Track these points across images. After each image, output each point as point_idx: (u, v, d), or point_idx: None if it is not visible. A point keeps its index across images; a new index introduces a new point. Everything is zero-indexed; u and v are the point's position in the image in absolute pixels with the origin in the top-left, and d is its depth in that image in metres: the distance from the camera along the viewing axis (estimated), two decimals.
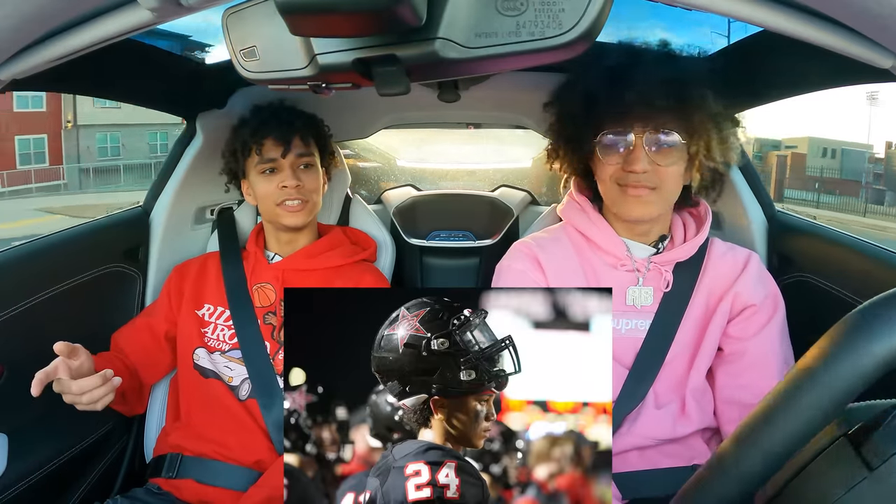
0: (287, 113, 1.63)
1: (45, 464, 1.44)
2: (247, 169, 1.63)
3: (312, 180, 1.61)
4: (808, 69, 1.35)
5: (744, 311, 1.34)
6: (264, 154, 1.57)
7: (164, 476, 1.46)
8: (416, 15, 0.60)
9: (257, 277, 1.63)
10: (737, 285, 1.34)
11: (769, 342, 1.32)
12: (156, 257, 1.78)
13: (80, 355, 1.24)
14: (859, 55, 0.64)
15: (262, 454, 1.45)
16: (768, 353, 1.31)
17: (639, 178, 1.24)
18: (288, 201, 1.57)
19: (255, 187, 1.61)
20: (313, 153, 1.64)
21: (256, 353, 1.53)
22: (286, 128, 1.58)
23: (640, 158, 1.23)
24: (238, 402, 1.50)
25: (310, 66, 0.70)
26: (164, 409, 1.64)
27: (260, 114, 1.63)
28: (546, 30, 0.62)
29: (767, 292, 1.34)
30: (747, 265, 1.36)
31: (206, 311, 1.61)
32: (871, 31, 0.60)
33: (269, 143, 1.57)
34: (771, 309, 1.34)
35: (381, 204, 2.48)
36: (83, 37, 0.69)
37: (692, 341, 1.35)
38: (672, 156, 1.25)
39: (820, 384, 0.57)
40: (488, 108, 2.03)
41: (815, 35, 0.63)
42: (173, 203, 1.80)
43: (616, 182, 1.28)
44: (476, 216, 2.30)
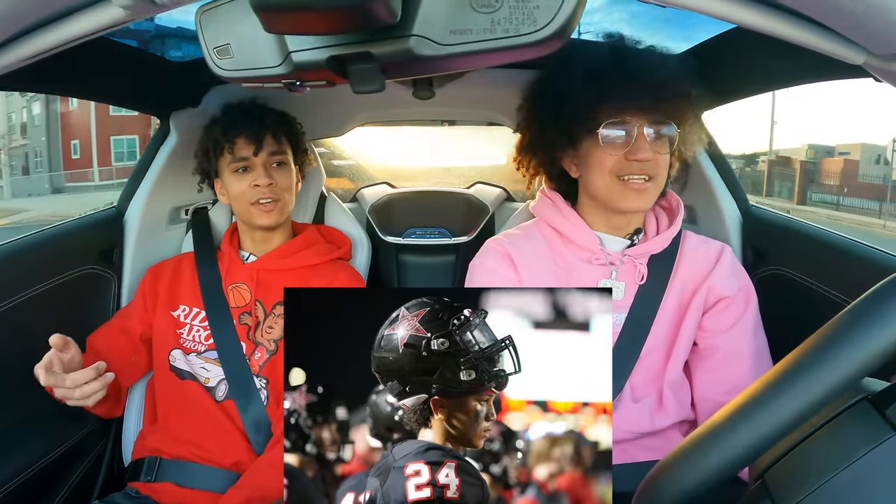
0: (258, 111, 1.62)
1: (23, 470, 1.42)
2: (219, 168, 1.62)
3: (285, 178, 1.60)
4: (781, 65, 1.37)
5: (717, 304, 1.35)
6: (236, 153, 1.56)
7: (143, 480, 1.45)
8: (391, 12, 0.60)
9: (232, 278, 1.62)
10: (710, 278, 1.35)
11: (742, 337, 1.33)
12: (130, 258, 1.76)
13: (71, 349, 1.24)
14: (832, 52, 0.65)
15: (241, 455, 1.44)
16: (742, 347, 1.32)
17: (643, 167, 1.26)
18: (261, 200, 1.56)
19: (227, 186, 1.60)
20: (286, 151, 1.63)
21: (232, 353, 1.52)
22: (257, 126, 1.57)
23: (644, 146, 1.25)
24: (215, 403, 1.50)
25: (284, 63, 0.70)
26: (141, 412, 1.63)
27: (231, 112, 1.62)
28: (521, 27, 0.62)
29: (741, 285, 1.36)
30: (720, 258, 1.38)
31: (181, 312, 1.60)
32: (843, 28, 0.61)
33: (241, 141, 1.56)
34: (744, 302, 1.35)
35: (356, 202, 2.48)
36: (56, 35, 0.68)
37: (668, 334, 1.36)
38: (667, 144, 1.28)
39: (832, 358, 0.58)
40: (463, 105, 2.04)
41: (789, 32, 0.64)
42: (148, 203, 1.78)
43: (616, 175, 1.28)
44: (452, 213, 2.31)
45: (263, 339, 1.55)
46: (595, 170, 1.31)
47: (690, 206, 1.80)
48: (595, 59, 1.27)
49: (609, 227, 1.38)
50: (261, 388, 1.50)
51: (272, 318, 1.57)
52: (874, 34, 0.59)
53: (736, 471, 0.61)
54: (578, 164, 1.36)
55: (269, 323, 1.56)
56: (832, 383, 0.57)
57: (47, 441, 1.50)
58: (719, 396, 1.31)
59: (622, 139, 1.27)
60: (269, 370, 1.52)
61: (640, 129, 1.25)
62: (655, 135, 1.27)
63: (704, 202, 1.73)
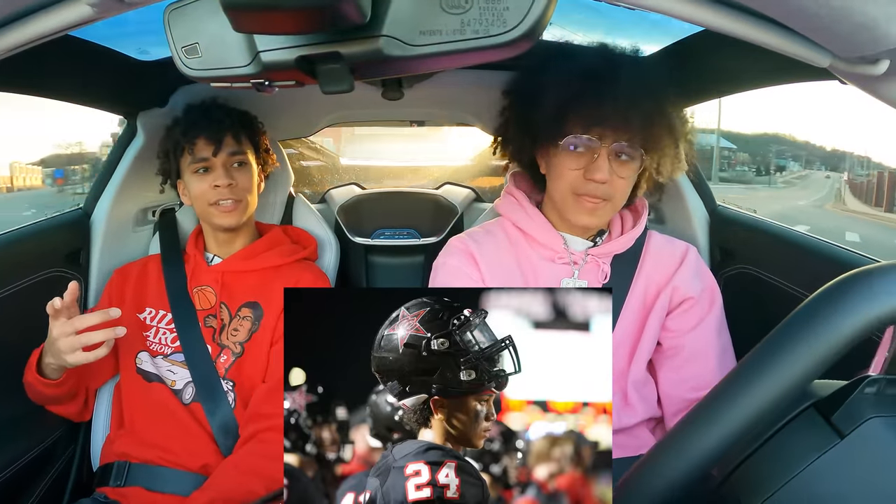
0: (219, 111, 1.61)
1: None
2: (181, 169, 1.61)
3: (246, 179, 1.60)
4: (747, 68, 1.39)
5: (682, 304, 1.36)
6: (196, 153, 1.56)
7: (112, 485, 1.43)
8: (360, 12, 0.60)
9: (197, 280, 1.61)
10: (675, 279, 1.37)
11: (706, 336, 1.35)
12: (97, 260, 1.74)
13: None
14: (798, 54, 0.66)
15: (208, 458, 1.43)
16: (706, 346, 1.34)
17: (597, 188, 1.25)
18: (221, 201, 1.55)
19: (188, 187, 1.60)
20: (246, 151, 1.62)
21: (199, 356, 1.51)
22: (217, 126, 1.56)
23: (603, 168, 1.23)
24: (182, 406, 1.49)
25: (253, 63, 0.70)
26: (109, 416, 1.60)
27: (192, 113, 1.61)
28: (490, 27, 0.63)
29: (705, 285, 1.37)
30: (685, 259, 1.39)
31: (147, 314, 1.59)
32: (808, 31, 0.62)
33: (201, 142, 1.55)
34: (708, 302, 1.36)
35: (325, 203, 2.47)
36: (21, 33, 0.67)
37: (632, 334, 1.37)
38: (631, 169, 1.27)
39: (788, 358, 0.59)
40: (432, 105, 2.04)
41: (755, 34, 0.65)
42: (114, 205, 1.76)
43: (572, 190, 1.28)
44: (420, 214, 2.31)
45: (229, 342, 1.54)
46: (555, 178, 1.31)
47: (658, 207, 1.82)
48: (571, 67, 1.25)
49: (572, 227, 1.38)
50: (227, 391, 1.49)
51: (237, 320, 1.56)
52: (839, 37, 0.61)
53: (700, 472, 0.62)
54: (545, 165, 1.36)
55: (235, 325, 1.56)
56: (782, 385, 0.58)
57: (15, 447, 1.48)
58: (685, 394, 1.33)
59: (584, 155, 1.26)
60: (236, 373, 1.51)
61: (605, 148, 1.24)
62: (620, 157, 1.26)
63: (672, 202, 1.75)
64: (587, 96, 1.21)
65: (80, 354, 1.26)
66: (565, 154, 1.27)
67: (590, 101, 1.21)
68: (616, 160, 1.25)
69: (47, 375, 1.39)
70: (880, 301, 0.57)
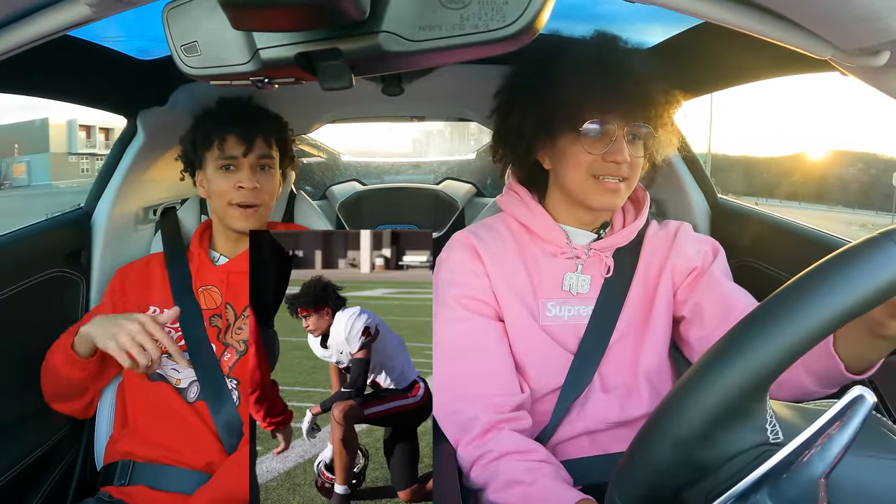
0: (253, 110, 1.62)
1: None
2: (204, 161, 1.60)
3: (270, 184, 1.60)
4: (748, 60, 1.39)
5: (687, 277, 1.38)
6: (226, 150, 1.56)
7: (116, 484, 1.43)
8: (359, 8, 0.60)
9: (202, 280, 1.61)
10: (671, 258, 1.39)
11: (719, 287, 1.34)
12: (98, 260, 1.74)
13: None
14: (799, 46, 0.66)
15: (213, 456, 1.43)
16: (723, 295, 1.32)
17: (618, 168, 1.27)
18: (242, 203, 1.56)
19: (210, 181, 1.59)
20: (273, 155, 1.62)
21: (204, 355, 1.51)
22: (250, 126, 1.56)
23: (623, 149, 1.26)
24: (187, 404, 1.48)
25: (252, 60, 0.70)
26: (112, 416, 1.60)
27: (226, 107, 1.61)
28: (490, 22, 0.63)
29: (700, 249, 1.39)
30: (676, 236, 1.42)
31: (151, 313, 1.58)
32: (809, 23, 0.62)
33: (232, 139, 1.55)
34: (710, 258, 1.38)
35: (326, 199, 2.47)
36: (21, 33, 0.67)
37: (637, 323, 1.38)
38: (643, 148, 1.31)
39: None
40: (432, 100, 2.05)
41: (755, 26, 0.65)
42: (115, 204, 1.76)
43: (592, 173, 1.29)
44: (421, 209, 2.32)
45: (233, 341, 1.54)
46: (571, 166, 1.32)
47: (660, 200, 1.83)
48: (583, 57, 1.27)
49: (577, 221, 1.40)
50: (232, 389, 1.49)
51: (242, 319, 1.56)
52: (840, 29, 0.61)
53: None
54: (554, 158, 1.37)
55: (239, 324, 1.55)
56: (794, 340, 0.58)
57: (19, 447, 1.48)
58: None
59: (603, 139, 1.28)
60: (240, 371, 1.51)
61: (621, 130, 1.27)
62: (633, 137, 1.29)
63: (673, 195, 1.75)
64: (606, 81, 1.24)
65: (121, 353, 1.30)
66: (584, 140, 1.29)
67: (604, 85, 1.24)
68: (631, 140, 1.29)
69: (80, 353, 1.40)
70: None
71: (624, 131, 1.27)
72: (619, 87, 1.23)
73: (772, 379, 0.59)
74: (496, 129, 1.48)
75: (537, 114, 1.33)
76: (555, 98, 1.29)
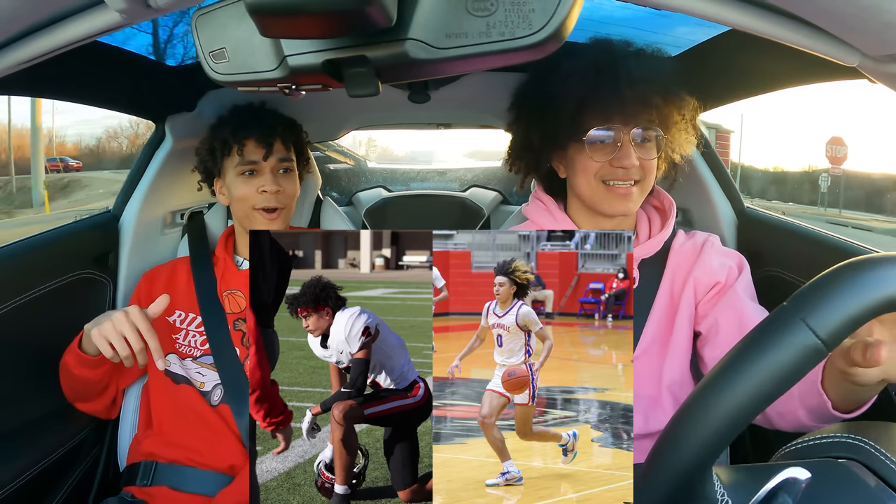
0: (270, 115, 1.63)
1: (18, 475, 1.41)
2: (224, 168, 1.62)
3: (291, 186, 1.62)
4: (775, 68, 1.38)
5: (709, 292, 1.35)
6: (245, 155, 1.57)
7: (138, 484, 1.44)
8: (387, 15, 0.60)
9: (227, 284, 1.62)
10: (695, 271, 1.36)
11: (738, 306, 1.30)
12: (126, 263, 1.76)
13: None
14: (826, 53, 0.65)
15: (235, 459, 1.44)
16: (741, 314, 1.29)
17: (627, 173, 1.27)
18: (265, 207, 1.56)
19: (231, 188, 1.60)
20: (293, 158, 1.64)
21: (228, 359, 1.52)
22: (268, 130, 1.58)
23: (630, 153, 1.26)
24: (210, 407, 1.49)
25: (279, 67, 0.70)
26: (136, 417, 1.62)
27: (241, 113, 1.62)
28: (516, 30, 0.62)
29: (726, 263, 1.36)
30: (703, 248, 1.39)
31: (177, 317, 1.60)
32: (836, 30, 0.61)
33: (251, 144, 1.57)
34: (735, 274, 1.35)
35: (352, 206, 2.48)
36: (51, 40, 0.68)
37: (660, 335, 1.36)
38: (654, 149, 1.30)
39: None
40: (458, 108, 2.04)
41: (782, 34, 0.64)
42: (143, 208, 1.78)
43: (601, 180, 1.29)
44: (447, 216, 2.31)
45: None
46: (580, 173, 1.32)
47: (685, 209, 1.81)
48: (582, 63, 1.27)
49: (598, 228, 1.39)
50: None
51: None
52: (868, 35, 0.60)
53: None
54: (566, 166, 1.37)
55: None
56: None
57: (42, 446, 1.49)
58: None
59: (608, 145, 1.28)
60: None
61: (627, 135, 1.26)
62: (642, 140, 1.28)
63: (699, 204, 1.73)
64: (602, 88, 1.24)
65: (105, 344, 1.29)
66: (590, 148, 1.28)
67: (606, 92, 1.24)
68: (640, 144, 1.28)
69: (86, 351, 1.41)
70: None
71: (629, 136, 1.27)
72: (617, 92, 1.23)
73: (710, 463, 0.60)
74: (511, 139, 1.48)
75: (543, 125, 1.34)
76: (557, 108, 1.29)
